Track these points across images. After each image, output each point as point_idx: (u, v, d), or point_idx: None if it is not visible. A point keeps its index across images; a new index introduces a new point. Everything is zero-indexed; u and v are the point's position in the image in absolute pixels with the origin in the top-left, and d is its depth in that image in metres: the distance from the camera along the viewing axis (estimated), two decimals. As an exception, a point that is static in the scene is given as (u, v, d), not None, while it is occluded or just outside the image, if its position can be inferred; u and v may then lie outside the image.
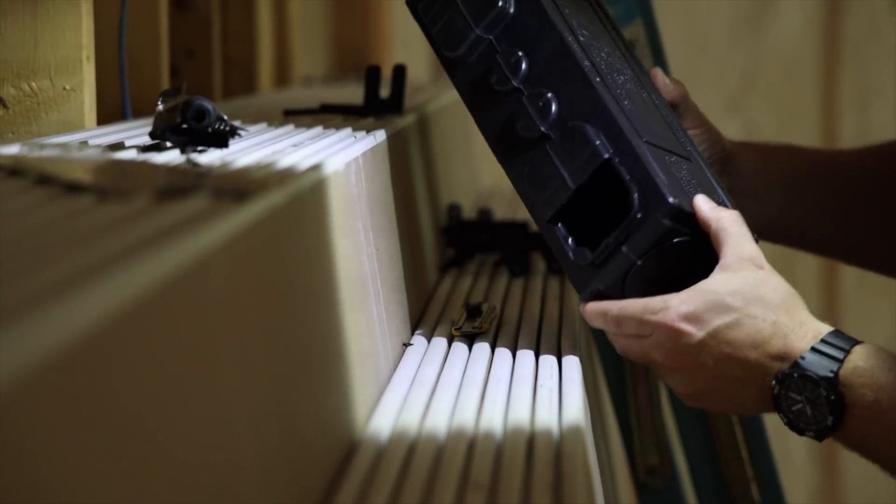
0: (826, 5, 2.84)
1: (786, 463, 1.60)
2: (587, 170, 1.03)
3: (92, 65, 1.12)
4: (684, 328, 0.98)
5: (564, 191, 1.04)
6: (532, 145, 1.06)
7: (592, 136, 1.03)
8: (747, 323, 0.98)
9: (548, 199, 1.04)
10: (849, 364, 0.97)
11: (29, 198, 0.73)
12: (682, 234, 1.02)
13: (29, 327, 0.46)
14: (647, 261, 1.01)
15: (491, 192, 2.09)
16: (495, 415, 0.90)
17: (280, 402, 0.74)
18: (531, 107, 1.05)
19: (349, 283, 0.91)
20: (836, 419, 0.97)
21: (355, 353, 0.90)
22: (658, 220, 1.01)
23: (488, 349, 1.07)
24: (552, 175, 1.04)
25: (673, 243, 1.02)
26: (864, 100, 2.85)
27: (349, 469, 0.80)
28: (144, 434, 0.54)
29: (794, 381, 0.97)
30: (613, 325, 1.02)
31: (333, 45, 2.74)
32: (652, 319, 0.99)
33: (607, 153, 1.03)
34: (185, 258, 0.60)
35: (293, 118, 1.27)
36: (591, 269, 1.03)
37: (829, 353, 0.97)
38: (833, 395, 0.96)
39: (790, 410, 0.98)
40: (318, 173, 0.87)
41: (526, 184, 1.06)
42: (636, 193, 1.01)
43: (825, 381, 0.96)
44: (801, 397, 0.97)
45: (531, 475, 0.78)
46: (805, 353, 0.97)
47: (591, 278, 1.03)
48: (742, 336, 0.98)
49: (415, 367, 1.01)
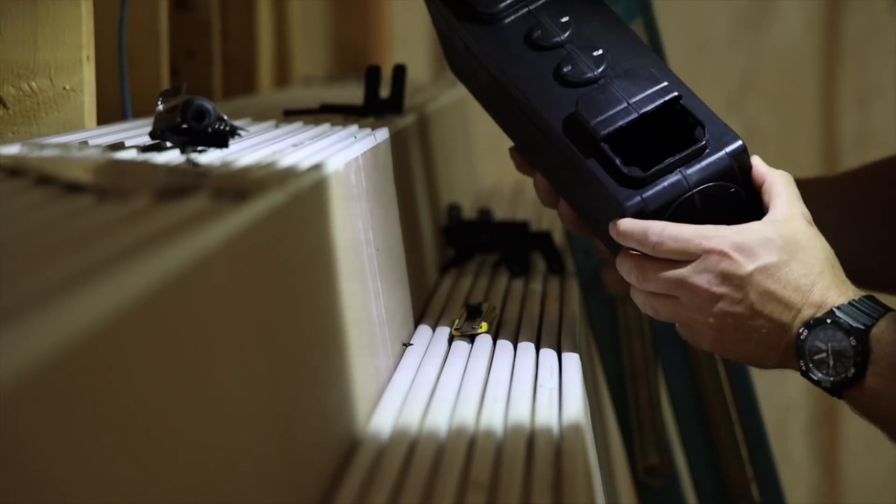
0: (826, 5, 2.84)
1: (786, 463, 1.60)
2: (657, 100, 1.04)
3: (92, 65, 1.12)
4: (736, 256, 0.99)
5: (627, 114, 1.03)
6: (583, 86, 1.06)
7: (659, 78, 1.05)
8: (795, 267, 1.00)
9: (607, 119, 1.03)
10: (882, 322, 0.99)
11: (29, 198, 0.73)
12: (737, 183, 1.03)
13: (29, 327, 0.46)
14: (699, 194, 1.02)
15: (491, 192, 2.09)
16: (495, 414, 0.90)
17: (280, 401, 0.74)
18: (583, 54, 1.07)
19: (349, 282, 0.91)
20: (857, 372, 0.98)
21: (355, 352, 0.90)
22: (724, 156, 1.03)
23: (488, 349, 1.07)
24: (614, 102, 1.04)
25: (727, 191, 1.02)
26: (864, 100, 2.85)
27: (349, 468, 0.80)
28: (144, 434, 0.54)
29: (824, 327, 0.99)
30: (654, 242, 1.01)
31: (333, 45, 2.74)
32: (704, 244, 1.00)
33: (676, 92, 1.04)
34: (185, 258, 0.60)
35: (293, 118, 1.27)
36: (636, 188, 1.02)
37: (866, 309, 0.99)
38: (861, 347, 0.98)
39: (811, 358, 0.99)
40: (318, 173, 0.87)
41: (580, 108, 1.04)
42: (706, 129, 1.03)
43: (856, 332, 0.98)
44: (827, 346, 0.99)
45: (531, 475, 0.78)
46: (842, 304, 0.99)
47: (636, 197, 1.02)
48: (788, 277, 1.00)
49: (415, 367, 1.01)
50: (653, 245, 1.01)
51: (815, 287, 1.00)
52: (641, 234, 1.01)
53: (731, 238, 1.00)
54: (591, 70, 1.06)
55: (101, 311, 0.51)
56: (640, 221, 1.02)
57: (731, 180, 1.03)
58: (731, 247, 0.99)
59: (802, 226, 1.02)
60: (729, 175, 1.03)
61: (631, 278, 1.04)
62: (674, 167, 1.02)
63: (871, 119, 2.85)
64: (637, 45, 1.08)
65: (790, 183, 1.04)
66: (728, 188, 1.03)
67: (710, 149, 1.03)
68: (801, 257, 1.00)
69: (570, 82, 1.06)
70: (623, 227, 1.02)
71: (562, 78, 1.07)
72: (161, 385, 0.57)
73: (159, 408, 0.56)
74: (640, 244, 1.02)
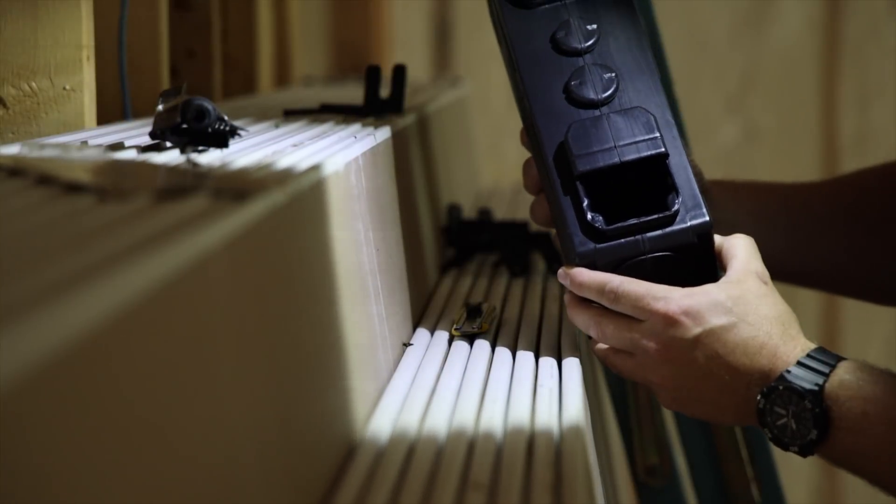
0: (826, 5, 2.84)
1: (786, 463, 1.60)
2: (643, 152, 1.03)
3: (92, 65, 1.12)
4: (683, 320, 0.99)
5: (610, 157, 1.03)
6: (583, 107, 1.06)
7: (655, 128, 1.04)
8: (743, 329, 0.99)
9: (589, 158, 1.03)
10: (835, 378, 0.97)
11: (29, 198, 0.73)
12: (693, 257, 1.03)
13: (29, 327, 0.46)
14: (652, 260, 1.02)
15: (491, 192, 2.09)
16: (495, 415, 0.90)
17: (280, 402, 0.74)
18: (595, 72, 1.06)
19: (349, 283, 0.91)
20: (820, 433, 0.97)
21: (355, 352, 0.90)
22: (689, 231, 1.02)
23: (488, 349, 1.07)
24: (602, 140, 1.04)
25: (680, 261, 1.02)
26: (864, 100, 2.85)
27: (349, 469, 0.80)
28: (144, 434, 0.54)
29: (779, 394, 0.98)
30: (609, 298, 1.01)
31: (333, 45, 2.74)
32: (652, 305, 1.00)
33: (665, 149, 1.04)
34: (185, 258, 0.60)
35: (293, 118, 1.27)
36: (594, 237, 1.02)
37: (815, 367, 0.98)
38: (818, 409, 0.97)
39: (775, 425, 0.99)
40: (318, 173, 0.87)
41: (570, 135, 1.04)
42: (680, 197, 1.02)
43: (810, 394, 0.97)
44: (787, 411, 0.98)
45: (531, 475, 0.78)
46: (791, 367, 0.98)
47: (590, 247, 1.02)
48: (736, 340, 0.99)
49: (415, 368, 1.01)
50: (610, 300, 1.01)
51: (764, 349, 0.99)
52: (598, 288, 1.02)
53: (679, 301, 0.99)
54: (596, 94, 1.06)
55: (102, 310, 0.51)
56: (597, 274, 1.02)
57: (686, 254, 1.03)
58: (678, 311, 0.99)
59: (755, 285, 1.01)
60: (686, 249, 1.02)
61: (589, 332, 1.04)
62: (637, 229, 1.02)
63: (870, 119, 2.85)
64: (652, 75, 1.08)
65: (748, 245, 1.04)
66: (682, 260, 1.03)
67: (677, 219, 1.02)
68: (750, 319, 0.99)
69: (573, 99, 1.06)
70: (580, 279, 1.02)
71: (569, 92, 1.07)
72: (161, 385, 0.57)
73: (159, 408, 0.56)
74: (598, 296, 1.02)
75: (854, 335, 2.89)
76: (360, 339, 0.92)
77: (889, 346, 2.85)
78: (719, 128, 2.84)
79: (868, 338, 2.88)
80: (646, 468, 1.53)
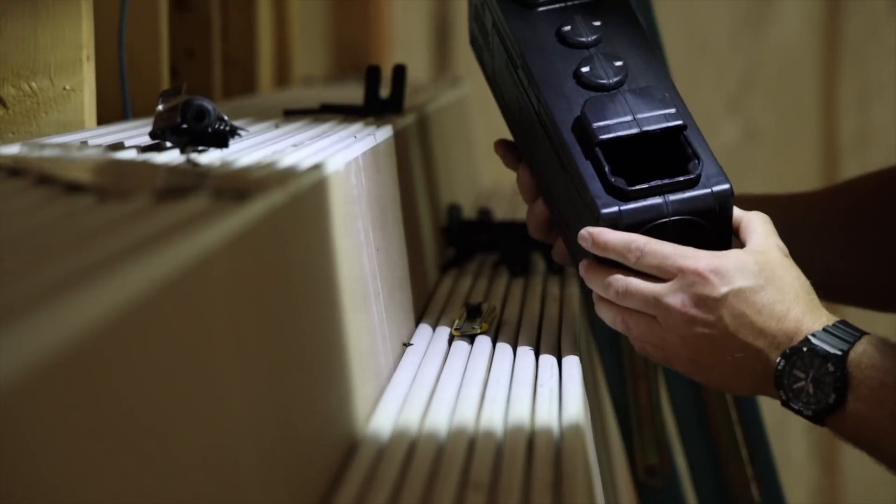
0: (826, 5, 2.84)
1: (786, 463, 1.60)
2: (662, 123, 1.04)
3: (92, 65, 1.12)
4: (711, 278, 0.99)
5: (629, 127, 1.04)
6: (596, 90, 1.06)
7: (671, 103, 1.05)
8: (770, 292, 1.00)
9: (609, 126, 1.04)
10: (859, 346, 0.98)
11: (29, 198, 0.73)
12: (713, 223, 1.03)
13: (29, 327, 0.46)
14: (674, 223, 1.02)
15: (491, 192, 2.09)
16: (495, 414, 0.90)
17: (280, 401, 0.74)
18: (605, 60, 1.07)
19: (349, 282, 0.91)
20: (838, 398, 0.97)
21: (355, 352, 0.90)
22: (709, 194, 1.03)
23: (488, 349, 1.07)
24: (620, 112, 1.04)
25: (700, 227, 1.03)
26: (864, 100, 2.85)
27: (349, 468, 0.80)
28: (144, 433, 0.54)
29: (802, 356, 0.98)
30: (635, 256, 1.01)
31: (333, 45, 2.74)
32: (681, 262, 1.00)
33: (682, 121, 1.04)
34: (186, 258, 0.60)
35: (293, 118, 1.27)
36: (617, 199, 1.02)
37: (840, 335, 0.99)
38: (839, 373, 0.97)
39: (791, 388, 0.99)
40: (319, 173, 0.87)
41: (587, 109, 1.05)
42: (701, 164, 1.03)
43: (834, 357, 0.98)
44: (806, 374, 0.98)
45: (531, 475, 0.78)
46: (817, 331, 0.99)
47: (614, 208, 1.02)
48: (763, 302, 0.99)
49: (415, 367, 1.01)
50: (636, 258, 1.01)
51: (790, 313, 1.00)
52: (624, 246, 1.01)
53: (708, 260, 1.00)
54: (608, 77, 1.07)
55: (102, 310, 0.51)
56: (622, 233, 1.01)
57: (708, 219, 1.03)
58: (707, 268, 0.99)
59: (778, 256, 1.02)
60: (708, 214, 1.03)
61: (608, 293, 1.03)
62: (659, 191, 1.02)
63: (870, 119, 2.85)
64: (660, 68, 1.09)
65: (766, 221, 1.05)
66: (702, 226, 1.03)
67: (699, 184, 1.03)
68: (777, 284, 1.00)
69: (585, 83, 1.07)
70: (604, 238, 1.01)
71: (578, 77, 1.07)
72: (161, 385, 0.57)
73: (159, 407, 0.56)
74: (622, 256, 1.01)
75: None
76: (359, 339, 0.92)
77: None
78: (719, 128, 2.83)
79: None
80: (646, 468, 1.53)
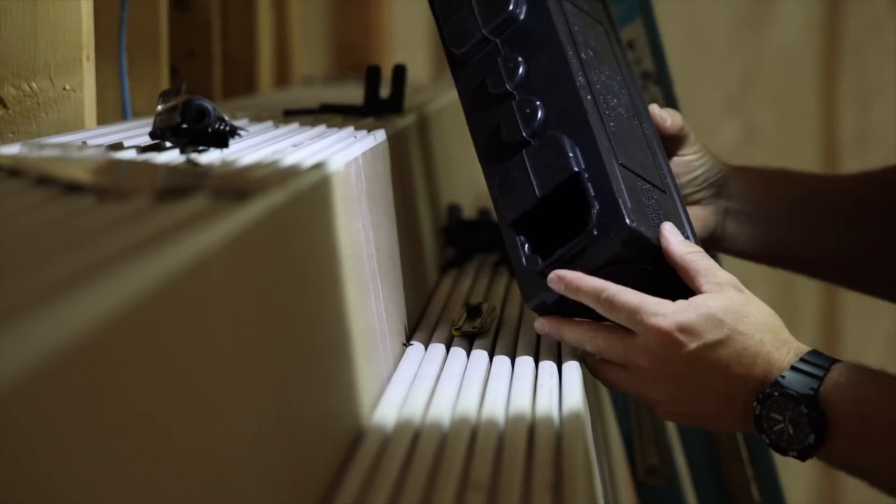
0: (826, 5, 2.84)
1: (786, 463, 1.60)
2: (555, 180, 1.03)
3: (92, 65, 1.12)
4: (679, 337, 0.98)
5: (530, 197, 1.03)
6: (512, 151, 1.06)
7: (567, 147, 1.03)
8: (737, 340, 0.99)
9: (513, 203, 1.04)
10: (829, 381, 0.98)
11: (29, 198, 0.73)
12: (639, 260, 1.02)
13: (29, 327, 0.46)
14: (615, 270, 1.01)
15: (491, 192, 2.09)
16: (495, 414, 0.90)
17: (281, 400, 0.74)
18: (518, 112, 1.06)
19: (349, 282, 0.91)
20: (818, 437, 0.97)
21: (356, 350, 0.90)
22: (612, 239, 1.00)
23: (488, 349, 1.07)
24: (522, 181, 1.04)
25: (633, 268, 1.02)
26: (864, 100, 2.85)
27: (353, 459, 0.80)
28: (145, 433, 0.54)
29: (775, 400, 0.98)
30: (604, 307, 1.00)
31: (333, 45, 2.74)
32: (647, 321, 0.99)
33: (578, 167, 1.02)
34: (185, 258, 0.60)
35: (293, 118, 1.27)
36: (540, 278, 1.02)
37: (809, 370, 0.98)
38: (814, 413, 0.97)
39: (772, 431, 0.99)
40: (319, 173, 0.87)
41: (496, 186, 1.05)
42: (596, 209, 1.01)
43: (806, 398, 0.97)
44: (783, 416, 0.98)
45: (531, 475, 0.78)
46: (785, 373, 0.98)
47: (539, 288, 1.03)
48: (730, 353, 0.99)
49: (415, 367, 1.01)
50: (605, 308, 1.00)
51: (758, 357, 0.99)
52: (595, 293, 1.00)
53: (674, 317, 0.98)
54: (522, 131, 1.05)
55: (102, 311, 0.51)
56: (594, 279, 1.00)
57: (627, 260, 1.01)
58: (673, 327, 0.98)
59: (735, 295, 1.00)
60: (617, 258, 1.01)
61: (587, 347, 1.03)
62: (568, 256, 1.01)
63: (870, 119, 2.85)
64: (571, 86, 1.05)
65: (703, 256, 1.03)
66: (633, 267, 1.02)
67: (600, 232, 1.01)
68: (742, 327, 0.99)
69: (506, 145, 1.06)
70: (578, 283, 1.01)
71: (501, 139, 1.06)
72: (161, 384, 0.57)
73: (160, 407, 0.56)
74: (594, 301, 1.00)
75: (854, 334, 2.89)
76: (360, 339, 0.92)
77: (889, 345, 2.85)
78: (719, 128, 2.84)
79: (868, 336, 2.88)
80: (646, 468, 1.53)
